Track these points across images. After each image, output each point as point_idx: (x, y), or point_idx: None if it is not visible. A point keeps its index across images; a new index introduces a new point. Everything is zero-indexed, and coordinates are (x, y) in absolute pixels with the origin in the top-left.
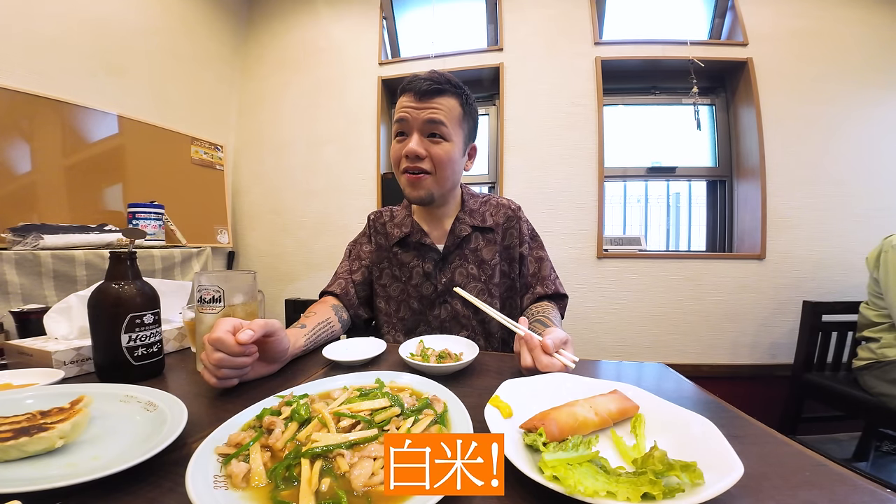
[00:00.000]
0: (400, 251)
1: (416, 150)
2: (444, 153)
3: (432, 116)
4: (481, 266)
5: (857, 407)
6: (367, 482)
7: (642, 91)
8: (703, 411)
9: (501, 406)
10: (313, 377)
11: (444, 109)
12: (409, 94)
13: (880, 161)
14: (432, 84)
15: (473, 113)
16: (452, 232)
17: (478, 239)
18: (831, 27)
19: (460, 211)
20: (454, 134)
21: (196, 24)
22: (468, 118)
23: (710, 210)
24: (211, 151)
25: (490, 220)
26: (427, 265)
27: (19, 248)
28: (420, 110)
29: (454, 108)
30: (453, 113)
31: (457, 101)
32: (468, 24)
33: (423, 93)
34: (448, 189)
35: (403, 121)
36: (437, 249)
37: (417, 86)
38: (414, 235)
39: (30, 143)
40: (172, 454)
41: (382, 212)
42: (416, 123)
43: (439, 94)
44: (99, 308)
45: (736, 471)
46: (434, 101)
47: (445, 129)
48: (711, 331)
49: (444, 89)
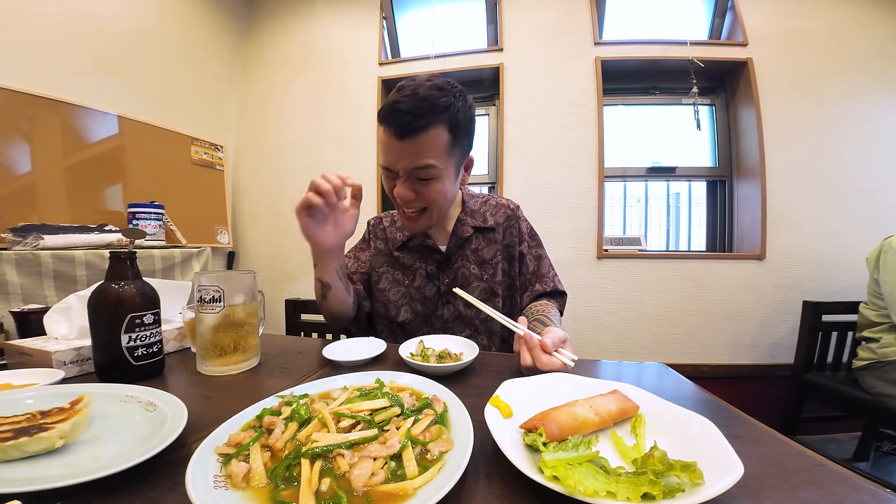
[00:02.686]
0: (402, 254)
1: (406, 195)
2: (436, 192)
3: (417, 164)
4: (483, 266)
5: (857, 407)
6: (367, 482)
7: (642, 91)
8: (703, 411)
9: (501, 406)
10: (313, 377)
11: (430, 148)
12: (388, 132)
13: (880, 161)
14: (413, 120)
15: (466, 127)
16: (454, 233)
17: (479, 239)
18: (831, 27)
19: (461, 212)
20: (444, 168)
21: (196, 24)
22: (461, 139)
23: (710, 210)
24: (211, 151)
25: (491, 220)
26: (430, 266)
27: (19, 248)
28: (403, 154)
29: (442, 139)
30: (441, 146)
31: (444, 128)
32: (468, 24)
33: (405, 133)
34: (445, 210)
35: (389, 169)
36: (439, 251)
37: (398, 122)
38: (416, 238)
39: (30, 143)
40: (172, 454)
41: (382, 217)
42: (402, 169)
43: (422, 130)
44: (99, 308)
45: (736, 471)
46: (417, 139)
47: (434, 169)
48: (711, 331)
49: (426, 124)
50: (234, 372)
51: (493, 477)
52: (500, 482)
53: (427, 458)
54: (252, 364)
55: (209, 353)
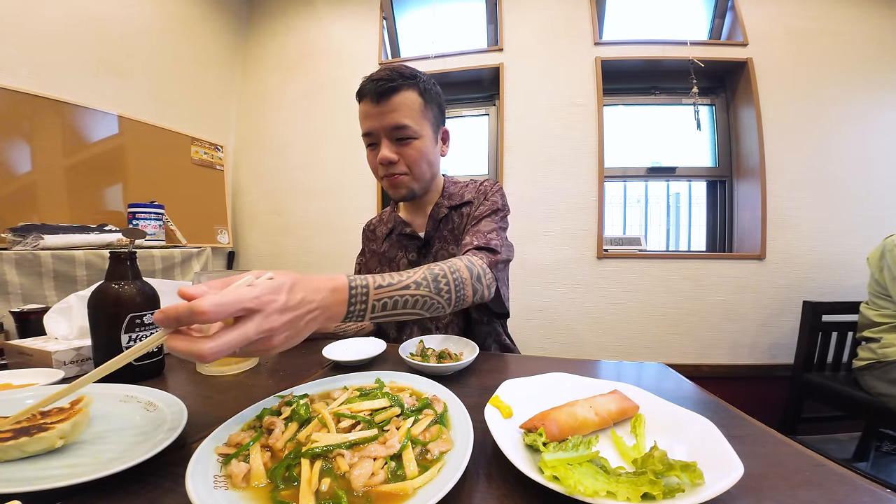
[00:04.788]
0: (388, 248)
1: (389, 156)
2: (416, 152)
3: (395, 122)
4: (459, 243)
5: (857, 407)
6: (367, 482)
7: (642, 91)
8: (703, 411)
9: (501, 406)
10: (313, 377)
11: (405, 107)
12: (366, 101)
13: (880, 161)
14: (385, 83)
15: (435, 97)
16: (431, 217)
17: (454, 217)
18: (831, 27)
19: (440, 197)
20: (421, 128)
21: (196, 24)
22: (431, 105)
23: (710, 210)
24: (211, 151)
25: (467, 197)
26: (411, 254)
27: (19, 248)
28: (381, 116)
29: (414, 101)
30: (414, 107)
31: (414, 91)
32: (468, 24)
33: (379, 94)
34: (428, 180)
35: (370, 133)
36: (418, 237)
37: (371, 89)
38: (397, 229)
39: (30, 143)
40: (172, 454)
41: (373, 219)
42: (381, 131)
43: (395, 91)
44: (99, 308)
45: (736, 471)
46: (392, 100)
47: (411, 128)
48: (711, 331)
49: (397, 85)
50: (234, 372)
51: (493, 477)
52: (500, 482)
53: (427, 458)
54: (252, 364)
55: None
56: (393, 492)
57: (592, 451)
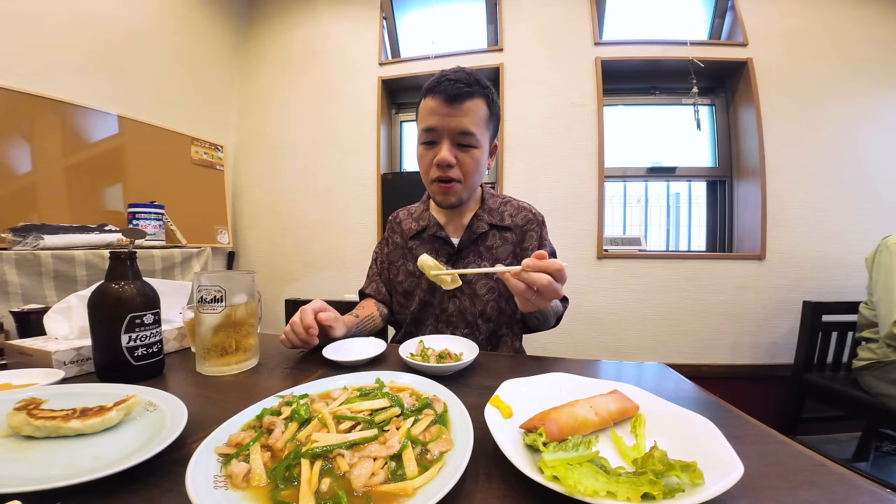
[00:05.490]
0: (416, 245)
1: (448, 158)
2: (474, 161)
3: (463, 127)
4: (495, 265)
5: (857, 407)
6: (367, 482)
7: (642, 91)
8: (703, 411)
9: (501, 406)
10: (313, 377)
11: (474, 114)
12: (437, 98)
13: (880, 161)
14: (463, 87)
15: (497, 111)
16: (469, 227)
17: (494, 237)
18: (831, 27)
19: (479, 208)
20: (482, 139)
21: (196, 24)
22: (493, 118)
23: (710, 210)
24: (211, 151)
25: (509, 220)
26: (441, 258)
27: (19, 248)
28: (450, 118)
29: (482, 110)
30: (481, 116)
31: (484, 101)
32: (468, 25)
33: (454, 96)
34: (475, 188)
35: (433, 130)
36: (451, 243)
37: (447, 89)
38: (430, 229)
39: (30, 143)
40: (172, 454)
41: (400, 211)
42: (446, 132)
43: (469, 96)
44: (99, 308)
45: (736, 471)
46: (464, 104)
47: (475, 136)
48: (711, 331)
49: (473, 91)
50: (234, 372)
51: (493, 477)
52: (500, 482)
53: (427, 458)
54: (252, 364)
55: (209, 353)
56: (393, 492)
57: (592, 451)
